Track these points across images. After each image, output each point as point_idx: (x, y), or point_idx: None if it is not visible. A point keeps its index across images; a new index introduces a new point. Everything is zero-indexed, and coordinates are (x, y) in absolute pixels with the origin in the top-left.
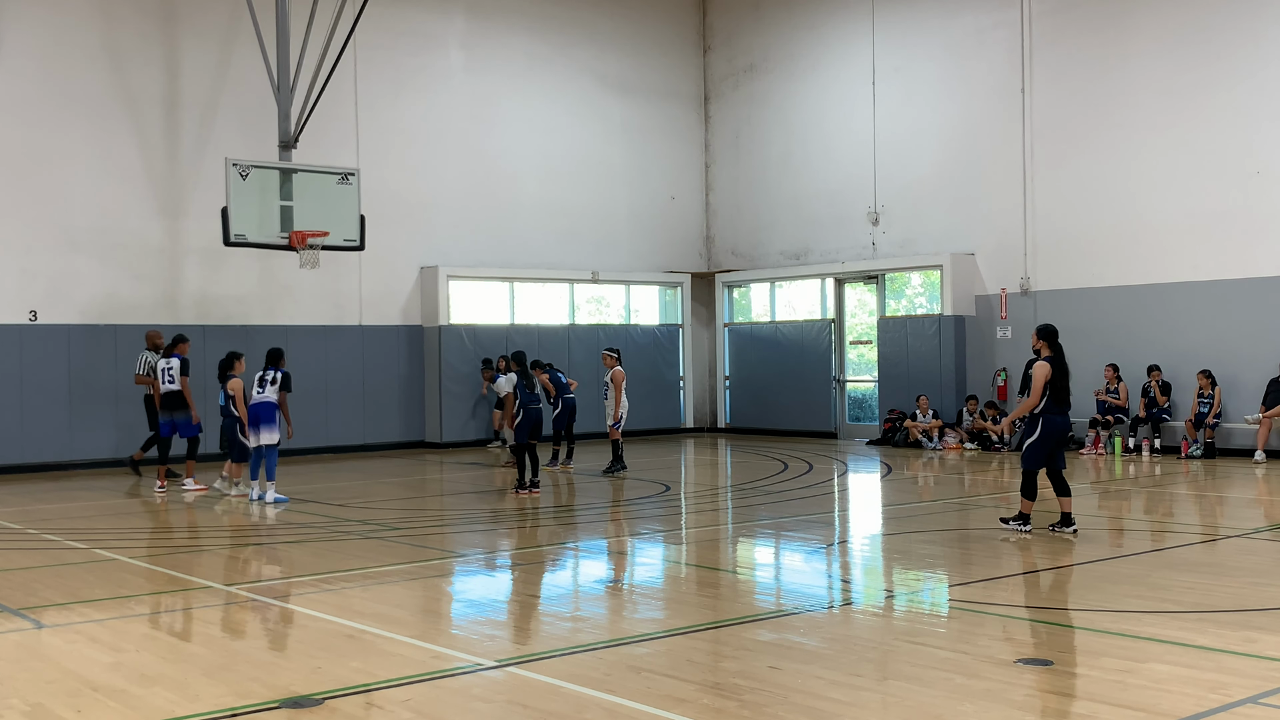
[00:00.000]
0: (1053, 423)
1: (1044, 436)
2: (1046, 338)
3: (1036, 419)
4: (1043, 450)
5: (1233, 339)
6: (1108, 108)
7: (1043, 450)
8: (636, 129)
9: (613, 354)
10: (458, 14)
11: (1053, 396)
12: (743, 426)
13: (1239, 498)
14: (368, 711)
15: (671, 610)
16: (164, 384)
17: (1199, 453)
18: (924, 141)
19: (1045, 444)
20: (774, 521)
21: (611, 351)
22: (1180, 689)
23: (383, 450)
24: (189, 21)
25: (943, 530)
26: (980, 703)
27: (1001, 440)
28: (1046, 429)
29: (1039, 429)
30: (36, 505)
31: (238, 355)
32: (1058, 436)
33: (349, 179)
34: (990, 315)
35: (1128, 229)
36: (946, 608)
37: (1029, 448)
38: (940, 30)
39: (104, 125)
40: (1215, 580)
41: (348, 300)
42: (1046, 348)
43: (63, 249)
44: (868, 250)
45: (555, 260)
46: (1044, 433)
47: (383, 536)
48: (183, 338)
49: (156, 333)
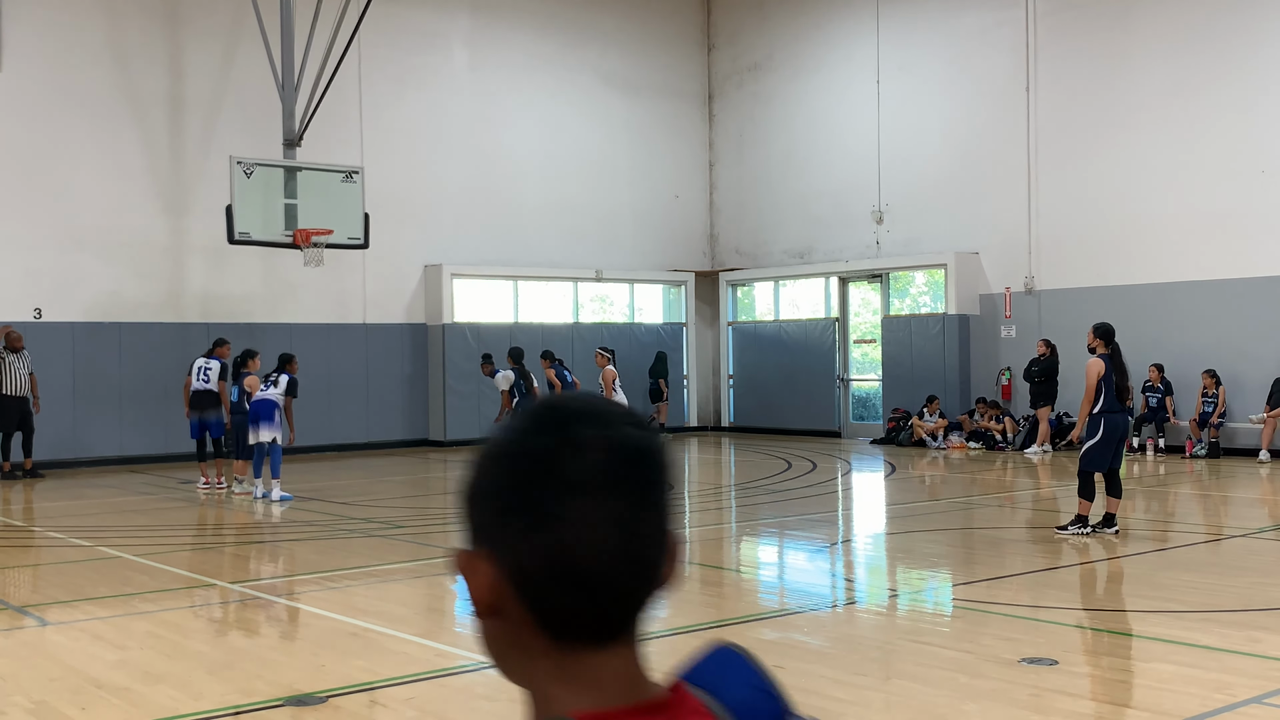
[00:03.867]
0: (1114, 422)
1: (1105, 437)
2: (1103, 336)
3: (1097, 419)
4: (1104, 451)
5: (1237, 338)
6: (1112, 106)
7: (1104, 451)
8: (640, 127)
9: (606, 353)
10: (462, 13)
11: (1111, 395)
12: (746, 425)
13: (1243, 497)
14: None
15: (675, 609)
16: (198, 383)
17: (1203, 452)
18: (928, 140)
19: (1107, 444)
20: (778, 520)
21: (605, 350)
22: (1184, 689)
23: (386, 448)
24: (193, 20)
25: (947, 530)
26: (984, 702)
27: (1005, 439)
28: (1108, 429)
29: (1100, 429)
30: (41, 503)
31: (253, 353)
32: (1119, 436)
33: (353, 177)
34: (994, 314)
35: (1132, 228)
36: (950, 607)
37: (1089, 449)
38: (945, 29)
39: (108, 124)
40: (1219, 580)
41: (352, 298)
42: (1103, 345)
43: (68, 247)
44: (872, 249)
45: (559, 259)
46: (1105, 433)
47: (386, 535)
48: (224, 341)
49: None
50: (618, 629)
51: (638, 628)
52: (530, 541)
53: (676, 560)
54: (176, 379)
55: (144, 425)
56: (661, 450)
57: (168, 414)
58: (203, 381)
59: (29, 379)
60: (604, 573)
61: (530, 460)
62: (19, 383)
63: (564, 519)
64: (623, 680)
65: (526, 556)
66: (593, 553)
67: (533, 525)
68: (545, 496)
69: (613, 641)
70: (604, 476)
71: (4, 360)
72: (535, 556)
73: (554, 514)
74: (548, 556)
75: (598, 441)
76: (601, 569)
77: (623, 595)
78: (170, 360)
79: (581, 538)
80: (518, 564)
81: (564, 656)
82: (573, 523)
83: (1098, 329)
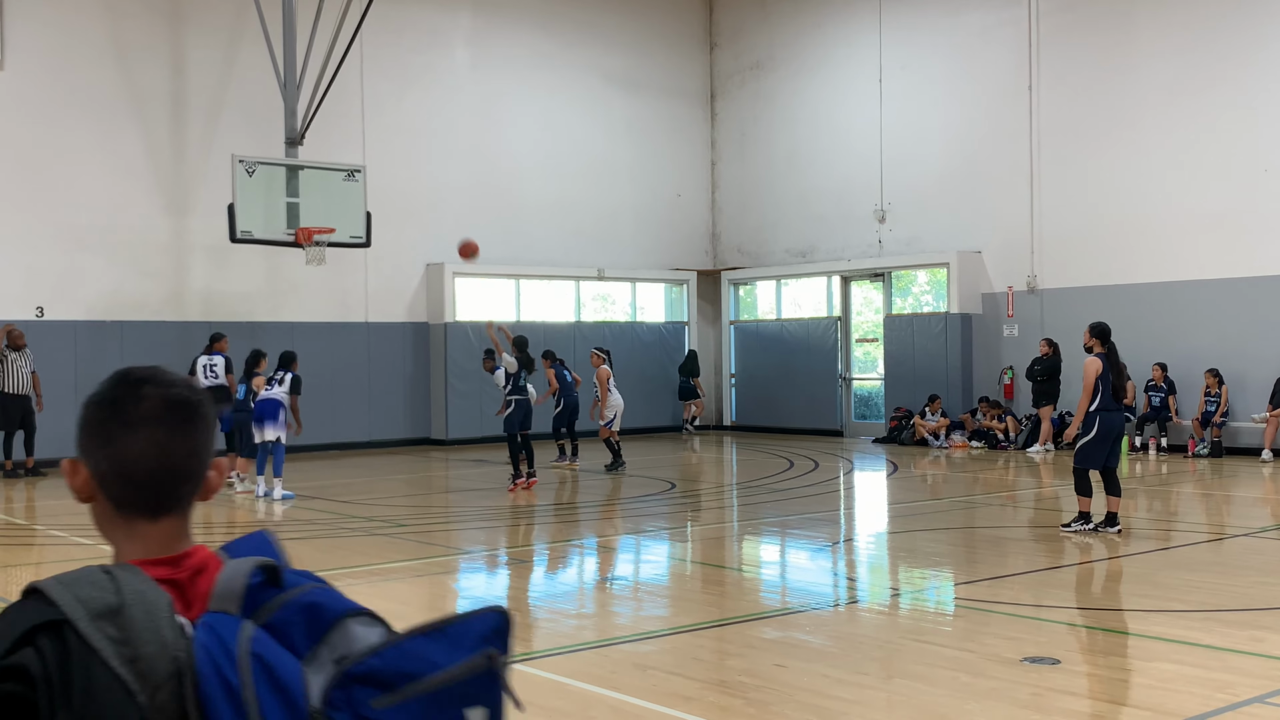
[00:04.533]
0: (1109, 420)
1: (1100, 435)
2: (1099, 335)
3: (1093, 417)
4: (1099, 449)
5: (1240, 338)
6: (1115, 105)
7: (1099, 449)
8: (642, 126)
9: (601, 353)
10: (464, 11)
11: (1107, 394)
12: (748, 424)
13: (1245, 497)
14: None
15: (677, 608)
16: (206, 379)
17: (1206, 452)
18: (930, 139)
19: (1102, 442)
20: (779, 519)
21: (600, 351)
22: (1187, 688)
23: (388, 447)
24: (195, 19)
25: (948, 529)
26: (986, 701)
27: (1007, 438)
28: (1103, 427)
29: (1095, 427)
30: (43, 501)
31: (263, 354)
32: (1115, 435)
33: (355, 176)
34: (997, 313)
35: (1135, 227)
36: (952, 606)
37: (1084, 446)
38: (947, 28)
39: (111, 123)
40: (1222, 579)
41: (353, 297)
42: (1099, 345)
43: (69, 246)
44: (874, 248)
45: (561, 257)
46: (1100, 431)
47: (389, 533)
48: (221, 335)
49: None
50: (161, 510)
51: (178, 510)
52: (104, 454)
53: (218, 472)
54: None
55: None
56: (197, 405)
57: None
58: (211, 378)
59: (31, 377)
60: (147, 475)
61: (107, 404)
62: (21, 381)
63: (122, 441)
64: (164, 541)
65: (103, 464)
66: (139, 463)
67: (104, 444)
68: (112, 427)
69: (160, 517)
70: (151, 416)
71: (6, 359)
72: (106, 464)
73: (117, 438)
74: (113, 464)
75: (152, 394)
76: (145, 473)
77: (160, 489)
78: (172, 359)
79: (132, 453)
80: (99, 468)
81: (130, 526)
82: (128, 444)
83: (1094, 328)
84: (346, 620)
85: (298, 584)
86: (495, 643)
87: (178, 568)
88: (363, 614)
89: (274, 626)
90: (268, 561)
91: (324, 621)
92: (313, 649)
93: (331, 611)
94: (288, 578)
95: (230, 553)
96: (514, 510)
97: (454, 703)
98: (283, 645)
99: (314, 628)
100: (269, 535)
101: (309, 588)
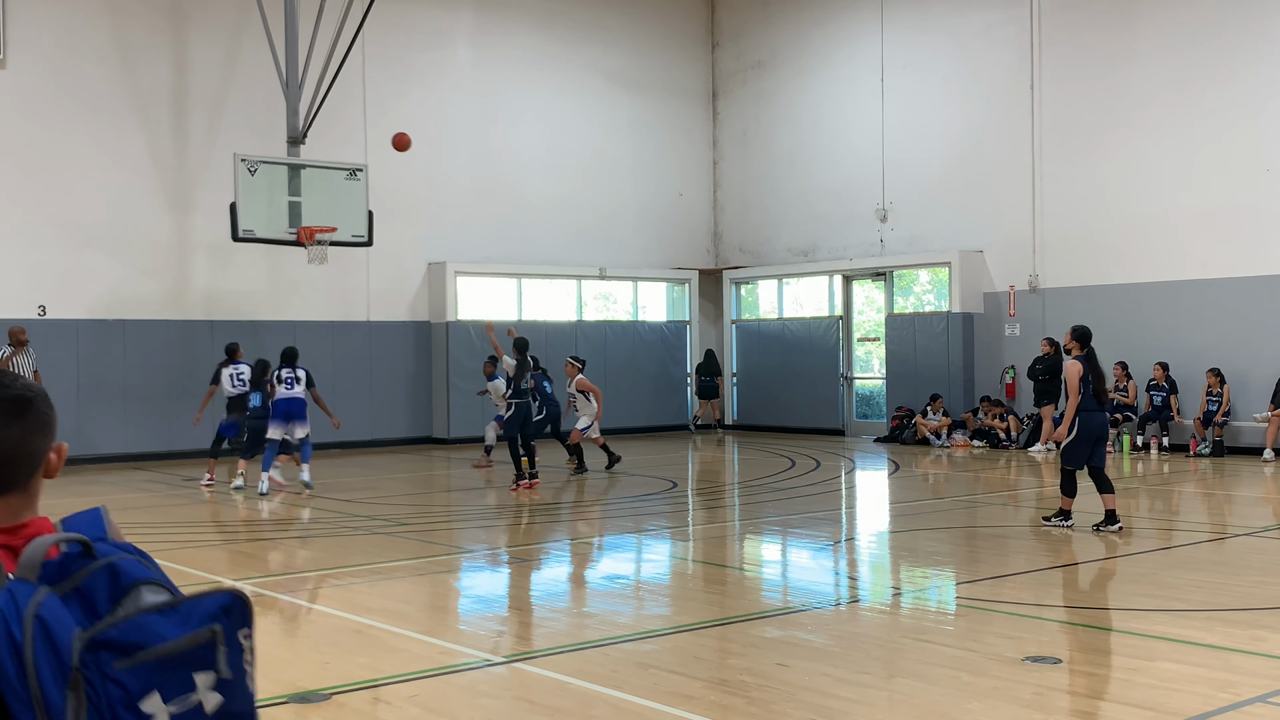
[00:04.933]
0: (1090, 420)
1: (1082, 435)
2: (1079, 339)
3: (1074, 418)
4: (1082, 449)
5: (1242, 337)
6: (1117, 104)
7: (1082, 449)
8: (644, 125)
9: (576, 363)
10: (466, 10)
11: (1087, 395)
12: (750, 423)
13: (1247, 496)
14: (375, 707)
15: (678, 607)
16: (234, 388)
17: (1207, 451)
18: (932, 138)
19: (1084, 442)
20: (781, 518)
21: (575, 360)
22: (1188, 687)
23: (390, 446)
24: (198, 18)
25: (950, 528)
26: (988, 701)
27: (1009, 437)
28: (1084, 427)
29: (1076, 427)
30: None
31: (269, 363)
32: (1096, 434)
33: (357, 175)
34: (999, 313)
35: (1137, 226)
36: (954, 605)
37: (1068, 446)
38: (949, 27)
39: (113, 121)
40: (1223, 579)
41: (355, 296)
42: (1078, 348)
43: (71, 244)
44: (876, 247)
45: (563, 256)
46: (1082, 431)
47: (390, 532)
48: (237, 344)
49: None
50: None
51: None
52: None
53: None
54: (180, 376)
55: (147, 422)
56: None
57: (171, 411)
58: (239, 386)
59: (33, 376)
60: None
61: None
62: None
63: None
64: (5, 515)
65: None
66: None
67: None
68: None
69: (4, 494)
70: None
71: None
72: None
73: None
74: None
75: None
76: None
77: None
78: (174, 358)
79: None
80: None
81: None
82: None
83: (1075, 332)
84: (139, 586)
85: (108, 553)
86: (222, 619)
87: (14, 535)
88: (154, 582)
89: (82, 591)
90: (78, 536)
91: (121, 587)
92: (111, 610)
93: (128, 578)
94: (101, 549)
95: (65, 525)
96: (516, 509)
97: (182, 667)
98: (88, 607)
99: (114, 592)
100: (102, 511)
101: (116, 558)
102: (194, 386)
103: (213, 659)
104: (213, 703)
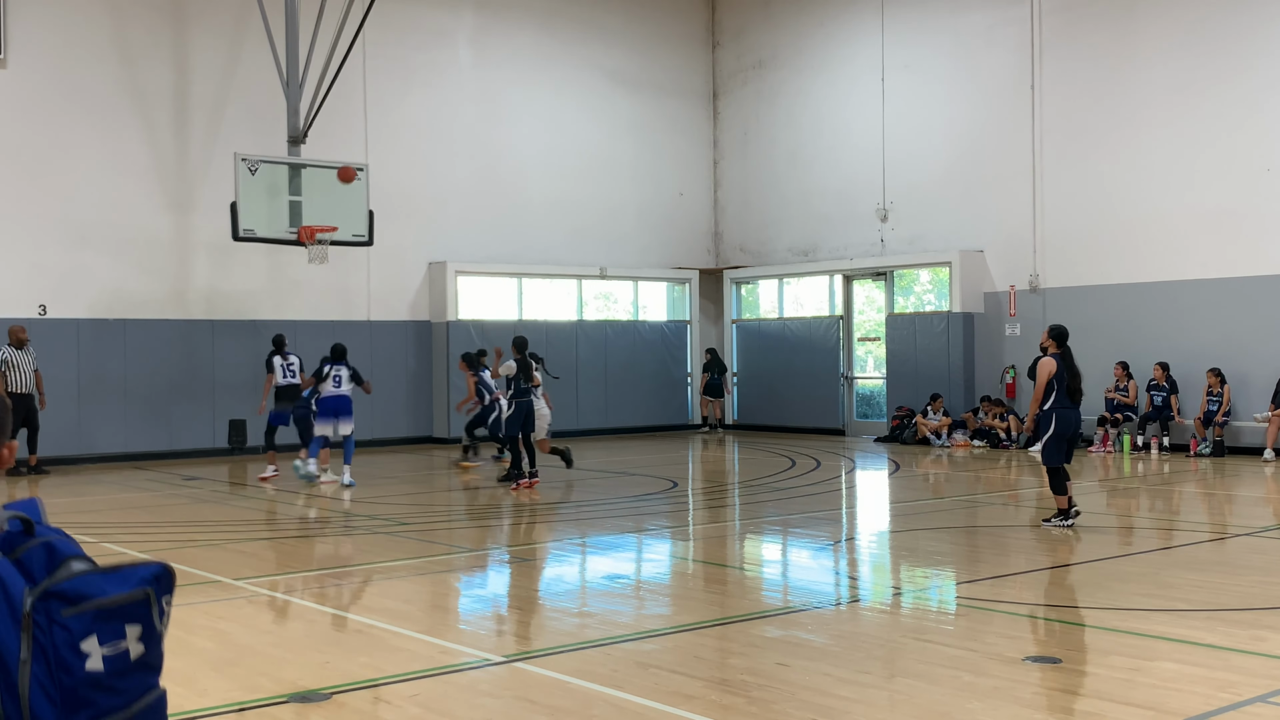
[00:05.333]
0: (1065, 417)
1: (1058, 431)
2: (1055, 337)
3: (1050, 415)
4: (1060, 445)
5: (1242, 337)
6: (1117, 104)
7: (1060, 445)
8: (645, 125)
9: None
10: (467, 10)
11: (1062, 393)
12: (750, 423)
13: (1248, 496)
14: (375, 706)
15: (679, 606)
16: (284, 378)
17: (1208, 451)
18: (933, 138)
19: (1060, 439)
20: (781, 518)
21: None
22: (1189, 687)
23: (391, 445)
24: (198, 18)
25: (950, 527)
26: (988, 700)
27: (1009, 437)
28: (1060, 424)
29: (1052, 424)
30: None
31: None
32: (1072, 430)
33: (357, 174)
34: (999, 312)
35: (1137, 226)
36: (954, 605)
37: (1046, 444)
38: (950, 27)
39: (113, 121)
40: (1224, 579)
41: (356, 295)
42: (1054, 346)
43: (72, 244)
44: (876, 247)
45: (563, 256)
46: (1058, 428)
47: (391, 531)
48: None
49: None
50: None
51: None
52: None
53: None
54: (180, 376)
55: (148, 422)
56: None
57: (172, 410)
58: (289, 376)
59: (34, 375)
60: None
61: None
62: (24, 379)
63: None
64: None
65: None
66: None
67: None
68: None
69: None
70: None
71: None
72: None
73: None
74: None
75: None
76: None
77: None
78: (175, 357)
79: None
80: None
81: None
82: None
83: (1052, 330)
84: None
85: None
86: (152, 584)
87: None
88: (81, 558)
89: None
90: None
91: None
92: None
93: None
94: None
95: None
96: (516, 509)
97: (117, 618)
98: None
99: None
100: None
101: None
102: (194, 386)
103: (144, 614)
104: (136, 651)
